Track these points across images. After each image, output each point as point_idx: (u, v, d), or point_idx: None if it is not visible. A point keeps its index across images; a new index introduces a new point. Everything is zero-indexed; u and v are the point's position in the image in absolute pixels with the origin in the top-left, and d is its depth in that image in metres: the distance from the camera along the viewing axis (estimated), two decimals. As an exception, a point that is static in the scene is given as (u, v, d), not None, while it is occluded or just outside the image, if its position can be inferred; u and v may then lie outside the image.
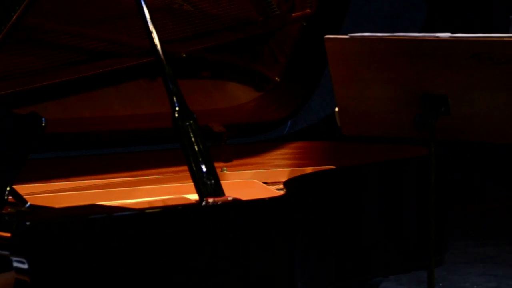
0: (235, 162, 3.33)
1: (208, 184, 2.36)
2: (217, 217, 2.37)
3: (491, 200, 7.25)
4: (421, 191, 2.99)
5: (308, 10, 3.23)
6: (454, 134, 2.22)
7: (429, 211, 2.20)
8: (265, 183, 2.99)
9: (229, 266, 2.36)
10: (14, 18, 2.61)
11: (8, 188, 2.30)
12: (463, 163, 7.63)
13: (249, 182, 2.96)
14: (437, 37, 2.05)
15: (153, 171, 3.15)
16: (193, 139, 2.38)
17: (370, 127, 2.33)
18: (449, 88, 2.12)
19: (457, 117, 2.15)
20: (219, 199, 2.36)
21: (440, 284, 5.10)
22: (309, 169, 3.19)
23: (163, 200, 2.74)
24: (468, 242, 5.99)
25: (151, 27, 2.50)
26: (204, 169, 2.37)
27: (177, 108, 2.42)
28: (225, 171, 3.24)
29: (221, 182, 2.42)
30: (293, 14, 3.24)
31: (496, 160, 5.85)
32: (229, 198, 2.39)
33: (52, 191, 2.83)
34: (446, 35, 2.05)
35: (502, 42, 2.00)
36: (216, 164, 2.44)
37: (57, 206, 2.57)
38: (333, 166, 3.23)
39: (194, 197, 2.47)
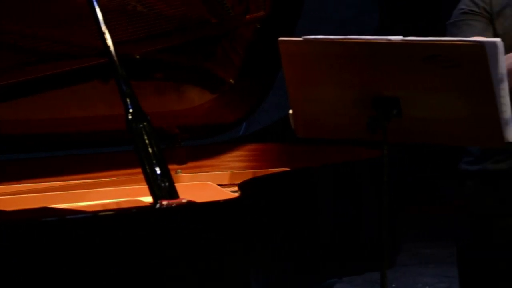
0: (189, 164, 3.32)
1: (162, 187, 2.35)
2: (171, 220, 2.36)
3: (442, 201, 7.34)
4: (374, 193, 3.02)
5: (262, 12, 3.23)
6: (406, 137, 2.24)
7: (382, 213, 2.22)
8: (220, 185, 2.99)
9: (182, 269, 2.35)
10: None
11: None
12: (416, 165, 7.72)
13: (204, 184, 2.96)
14: (389, 40, 2.07)
15: (106, 173, 3.13)
16: (147, 141, 2.37)
17: (323, 129, 2.34)
18: (401, 90, 2.14)
19: (409, 119, 2.17)
20: (173, 202, 2.35)
21: (393, 285, 5.15)
22: (263, 171, 3.19)
23: (116, 203, 2.72)
24: (420, 244, 6.06)
25: (103, 28, 2.48)
26: (158, 171, 2.36)
27: (130, 110, 2.41)
28: (179, 173, 3.23)
29: (176, 184, 2.41)
30: (247, 16, 3.24)
31: (448, 161, 5.92)
32: (184, 201, 2.38)
33: (2, 194, 2.79)
34: (398, 38, 2.07)
35: (452, 45, 2.02)
36: (170, 166, 2.43)
37: (7, 209, 2.54)
38: (287, 168, 3.24)
39: (148, 199, 2.46)
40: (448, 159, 2.68)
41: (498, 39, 1.98)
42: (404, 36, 2.09)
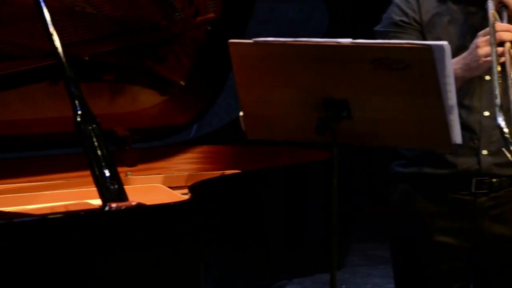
0: (140, 167, 3.30)
1: (111, 189, 2.34)
2: (120, 223, 2.34)
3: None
4: (324, 195, 3.03)
5: (213, 15, 3.23)
6: (356, 138, 2.25)
7: (332, 214, 2.23)
8: (170, 187, 2.98)
9: (131, 272, 2.34)
10: None
11: None
12: (365, 166, 7.78)
13: (154, 186, 2.95)
14: (339, 42, 2.08)
15: (55, 176, 3.10)
16: (96, 143, 2.35)
17: (274, 131, 2.35)
18: (350, 93, 2.15)
19: (359, 121, 2.19)
20: (122, 204, 2.33)
21: (343, 286, 5.18)
22: (214, 174, 3.19)
23: (65, 206, 2.70)
24: (370, 245, 6.11)
25: (51, 29, 2.45)
26: (108, 174, 2.34)
27: (79, 112, 2.39)
28: (129, 176, 3.21)
29: (126, 187, 2.39)
30: (197, 18, 3.23)
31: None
32: (133, 203, 2.37)
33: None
34: (347, 40, 2.08)
35: (401, 48, 2.04)
36: (120, 169, 2.42)
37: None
38: (238, 170, 3.24)
39: (97, 202, 2.44)
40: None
41: (445, 42, 2.01)
42: (354, 39, 2.10)
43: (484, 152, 2.54)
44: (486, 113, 2.53)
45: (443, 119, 2.08)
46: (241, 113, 2.36)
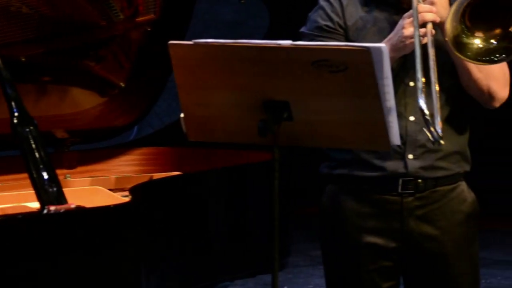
0: (79, 169, 3.27)
1: (49, 192, 2.31)
2: (59, 225, 2.31)
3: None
4: (265, 196, 3.04)
5: (152, 16, 3.21)
6: (297, 140, 2.26)
7: (273, 215, 2.23)
8: (110, 190, 2.96)
9: (72, 275, 2.31)
10: None
11: None
12: (306, 166, 7.83)
13: (94, 189, 2.92)
14: (279, 44, 2.09)
15: (-8, 178, 3.05)
16: (33, 145, 2.32)
17: (215, 133, 2.34)
18: (291, 94, 2.15)
19: (300, 123, 2.19)
20: (61, 207, 2.31)
21: (285, 287, 5.20)
22: (155, 175, 3.17)
23: (2, 209, 2.65)
24: (311, 245, 6.14)
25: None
26: (46, 176, 2.31)
27: (16, 114, 2.35)
28: (68, 178, 3.17)
29: (65, 189, 2.37)
30: (136, 19, 3.21)
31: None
32: (72, 206, 2.35)
33: None
34: (287, 42, 2.08)
35: (340, 50, 2.06)
36: (59, 171, 2.39)
37: None
38: (179, 172, 3.23)
39: (36, 205, 2.41)
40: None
41: (383, 44, 2.03)
42: (294, 40, 2.11)
43: (410, 156, 2.58)
44: (412, 118, 2.57)
45: (382, 121, 2.10)
46: (182, 115, 2.35)
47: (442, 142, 2.26)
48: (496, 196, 6.27)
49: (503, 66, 2.58)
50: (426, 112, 2.23)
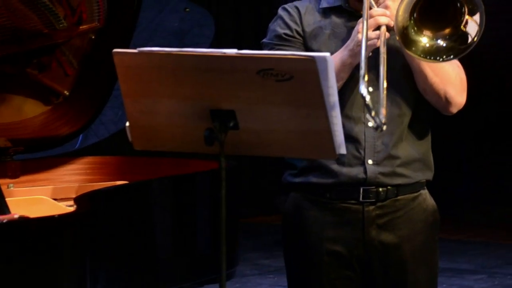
0: (23, 179, 3.22)
1: (-9, 202, 2.27)
2: (2, 236, 2.28)
3: (279, 212, 7.50)
4: (212, 205, 3.03)
5: (96, 23, 3.18)
6: (244, 149, 2.26)
7: (220, 225, 2.23)
8: (55, 199, 2.92)
9: (16, 286, 2.27)
10: None
11: None
12: (252, 176, 7.86)
13: (38, 199, 2.88)
14: (224, 53, 2.09)
15: None
16: (-26, 155, 2.28)
17: (161, 142, 2.33)
18: (237, 103, 2.15)
19: (246, 132, 2.19)
20: (4, 217, 2.28)
21: (233, 296, 5.21)
22: (101, 185, 3.14)
23: None
24: (259, 254, 6.16)
25: None
26: (-13, 187, 2.27)
27: (-44, 123, 2.31)
28: (12, 188, 3.12)
29: (8, 199, 2.34)
30: (80, 27, 3.18)
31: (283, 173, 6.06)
32: (15, 216, 2.31)
33: None
34: (233, 51, 2.08)
35: (285, 59, 2.06)
36: (2, 181, 2.36)
37: None
38: (125, 181, 3.21)
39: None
40: (283, 171, 2.74)
41: (327, 54, 2.04)
42: (239, 49, 2.11)
43: (370, 161, 2.60)
44: (371, 124, 2.58)
45: (327, 130, 2.11)
46: (127, 124, 2.33)
47: (384, 127, 2.27)
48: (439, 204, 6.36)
49: (459, 72, 2.61)
50: (367, 98, 2.23)
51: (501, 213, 7.54)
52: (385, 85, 2.40)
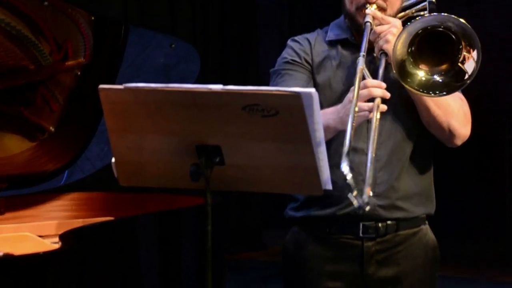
0: (7, 215, 3.20)
1: (-24, 240, 2.25)
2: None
3: (266, 247, 7.48)
4: (198, 241, 3.02)
5: (82, 59, 3.19)
6: (230, 184, 2.25)
7: (206, 261, 2.21)
8: (40, 236, 2.90)
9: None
10: None
11: None
12: (239, 212, 7.84)
13: (23, 236, 2.86)
14: (210, 89, 2.09)
15: None
16: (-42, 192, 2.26)
17: (147, 177, 2.32)
18: (223, 139, 2.15)
19: (232, 167, 2.19)
20: (-12, 255, 2.25)
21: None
22: (86, 221, 3.12)
23: None
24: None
25: None
26: (-28, 224, 2.25)
27: None
28: (-4, 225, 3.09)
29: (-9, 236, 2.31)
30: (66, 63, 3.18)
31: (271, 209, 6.06)
32: (0, 253, 2.29)
33: None
34: (218, 87, 2.08)
35: (270, 95, 2.06)
36: (-14, 218, 2.33)
37: None
38: (111, 217, 3.19)
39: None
40: (271, 207, 2.74)
41: (313, 90, 2.04)
42: (225, 84, 2.11)
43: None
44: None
45: (313, 165, 2.11)
46: (113, 159, 2.33)
47: (367, 208, 2.22)
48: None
49: (462, 105, 2.62)
50: (348, 176, 2.17)
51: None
52: (372, 160, 2.34)
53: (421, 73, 2.46)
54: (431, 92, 2.45)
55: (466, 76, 2.42)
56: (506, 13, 7.76)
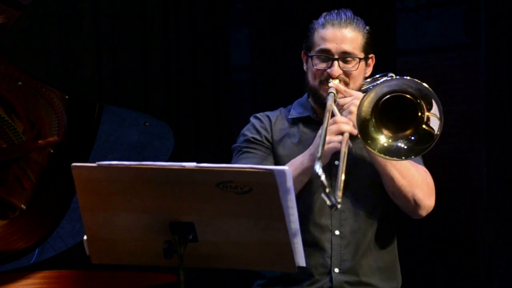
0: (-25, 295, 3.14)
1: None
2: None
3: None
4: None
5: (55, 138, 3.18)
6: (203, 261, 2.24)
7: None
8: (9, 316, 2.84)
9: None
10: None
11: None
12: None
13: (-8, 316, 2.80)
14: (183, 166, 2.09)
15: None
16: None
17: (120, 255, 2.30)
18: (196, 216, 2.15)
19: (205, 244, 2.18)
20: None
21: None
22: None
23: None
24: None
25: None
26: None
27: None
28: (-36, 305, 3.03)
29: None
30: (39, 141, 3.17)
31: (239, 285, 5.98)
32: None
33: None
34: (192, 164, 2.09)
35: (244, 172, 2.07)
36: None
37: None
38: (83, 296, 3.14)
39: None
40: (239, 282, 2.72)
41: (286, 167, 2.05)
42: (199, 162, 2.12)
43: (336, 270, 2.59)
44: (337, 232, 2.60)
45: (287, 242, 2.11)
46: (85, 237, 2.31)
47: (339, 206, 2.26)
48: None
49: (426, 176, 2.65)
50: (322, 177, 2.22)
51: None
52: (342, 170, 2.40)
53: (383, 138, 2.50)
54: (396, 157, 2.49)
55: (434, 134, 2.46)
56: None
